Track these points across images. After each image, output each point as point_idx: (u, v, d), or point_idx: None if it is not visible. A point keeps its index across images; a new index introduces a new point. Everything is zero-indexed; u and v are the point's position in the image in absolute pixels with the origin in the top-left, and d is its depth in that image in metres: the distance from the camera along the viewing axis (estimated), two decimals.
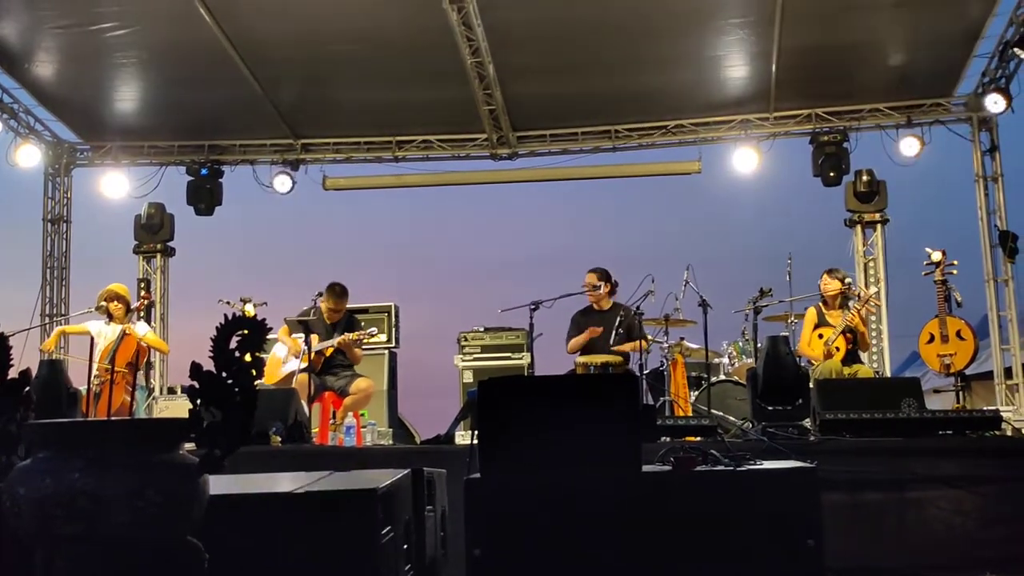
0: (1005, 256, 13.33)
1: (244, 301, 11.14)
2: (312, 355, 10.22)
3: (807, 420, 8.22)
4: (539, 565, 4.85)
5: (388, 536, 4.30)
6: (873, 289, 11.31)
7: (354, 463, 7.03)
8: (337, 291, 10.77)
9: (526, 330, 11.51)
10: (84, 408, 9.47)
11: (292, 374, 10.47)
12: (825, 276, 10.66)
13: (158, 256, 15.51)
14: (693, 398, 11.04)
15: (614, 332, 10.77)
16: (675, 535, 4.87)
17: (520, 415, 5.08)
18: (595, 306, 11.20)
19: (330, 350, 10.58)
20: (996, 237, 13.53)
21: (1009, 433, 8.32)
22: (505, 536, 4.90)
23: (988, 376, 13.99)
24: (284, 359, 10.76)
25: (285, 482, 4.65)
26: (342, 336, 10.53)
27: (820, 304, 10.67)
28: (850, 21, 12.12)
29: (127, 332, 10.85)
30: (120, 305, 11.00)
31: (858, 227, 14.42)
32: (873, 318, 13.27)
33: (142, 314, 11.50)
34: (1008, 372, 13.59)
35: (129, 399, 10.77)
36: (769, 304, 10.85)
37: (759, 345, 9.83)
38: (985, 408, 10.96)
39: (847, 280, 10.68)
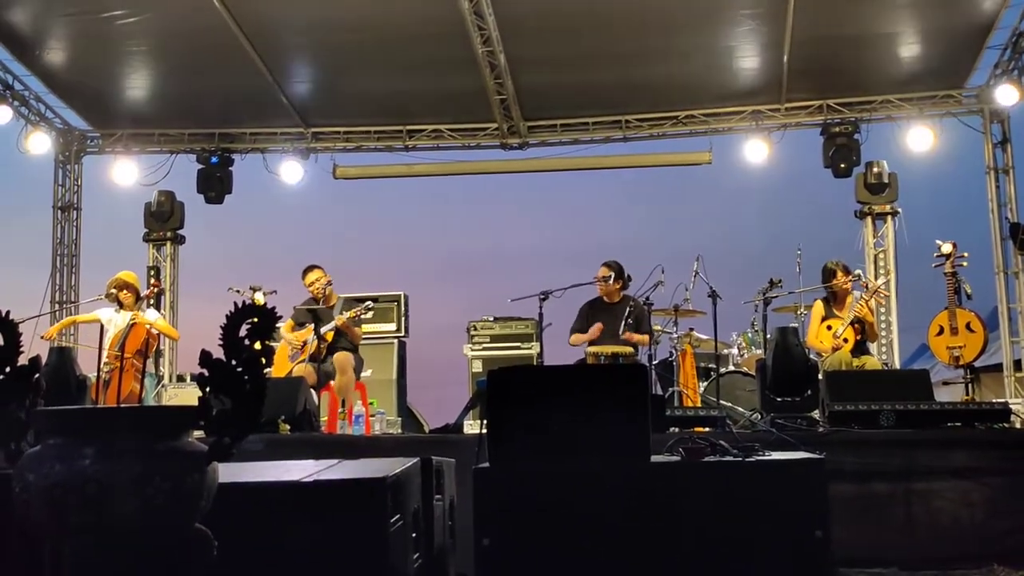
0: (1016, 248, 13.27)
1: (254, 289, 11.17)
2: (317, 344, 10.27)
3: (816, 411, 8.22)
4: (547, 554, 4.86)
5: (397, 525, 4.31)
6: (881, 280, 11.27)
7: (363, 452, 7.05)
8: (305, 269, 11.06)
9: (535, 320, 11.47)
10: (93, 395, 9.48)
11: (299, 363, 10.53)
12: (840, 274, 10.54)
13: (168, 244, 15.53)
14: (702, 389, 11.05)
15: (623, 322, 10.76)
16: (683, 525, 4.88)
17: (529, 405, 5.09)
18: (604, 299, 11.19)
19: (330, 335, 10.61)
20: (1007, 229, 13.48)
21: (1018, 425, 8.33)
22: (513, 525, 4.91)
23: (997, 369, 13.95)
24: (290, 353, 10.80)
25: (294, 471, 4.65)
26: (339, 316, 10.57)
27: (827, 297, 10.63)
28: (862, 12, 12.08)
29: (136, 321, 10.87)
30: (129, 293, 11.02)
31: (868, 219, 14.38)
32: (883, 310, 13.26)
33: (152, 302, 11.52)
34: (1018, 365, 13.56)
35: (138, 387, 10.79)
36: (779, 295, 10.82)
37: (768, 336, 9.81)
38: (994, 400, 10.96)
39: (855, 272, 10.65)
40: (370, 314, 11.03)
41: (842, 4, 11.94)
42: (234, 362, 3.48)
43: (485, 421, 5.19)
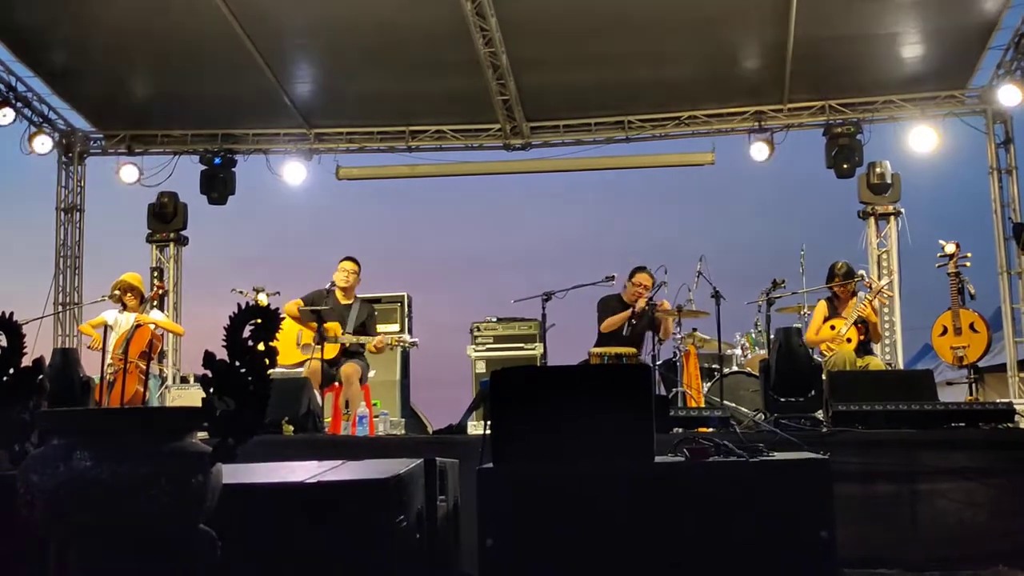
0: (1019, 248, 13.28)
1: (257, 290, 11.15)
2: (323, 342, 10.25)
3: (819, 411, 8.21)
4: (551, 555, 4.85)
5: (400, 526, 4.30)
6: (884, 280, 11.26)
7: (366, 453, 7.04)
8: (345, 258, 10.91)
9: (539, 320, 11.47)
10: (97, 397, 9.50)
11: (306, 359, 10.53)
12: (838, 279, 10.55)
13: (171, 245, 15.55)
14: (706, 389, 11.04)
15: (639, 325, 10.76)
16: (687, 526, 4.87)
17: (533, 405, 5.08)
18: (625, 300, 11.02)
19: (346, 340, 10.61)
20: (1010, 229, 13.50)
21: (1022, 426, 8.30)
22: (517, 526, 4.90)
23: (1001, 368, 13.95)
24: (299, 342, 10.78)
25: (298, 472, 4.65)
26: (378, 339, 10.45)
27: (831, 298, 10.62)
28: (864, 13, 12.09)
29: (140, 324, 10.87)
30: (133, 296, 11.02)
31: (871, 219, 14.40)
32: (886, 310, 13.25)
33: (156, 303, 11.51)
34: (1021, 364, 13.56)
35: (142, 388, 10.79)
36: (782, 296, 10.84)
37: (772, 337, 9.81)
38: (998, 400, 10.93)
39: (859, 273, 10.64)
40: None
41: (844, 5, 11.95)
42: (237, 363, 3.47)
43: (489, 422, 5.18)
